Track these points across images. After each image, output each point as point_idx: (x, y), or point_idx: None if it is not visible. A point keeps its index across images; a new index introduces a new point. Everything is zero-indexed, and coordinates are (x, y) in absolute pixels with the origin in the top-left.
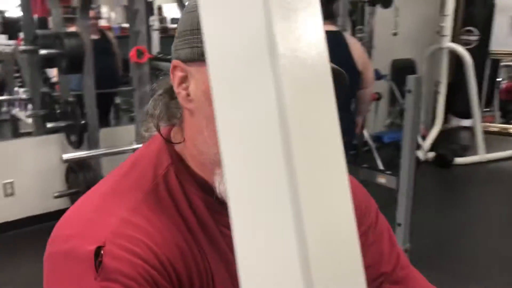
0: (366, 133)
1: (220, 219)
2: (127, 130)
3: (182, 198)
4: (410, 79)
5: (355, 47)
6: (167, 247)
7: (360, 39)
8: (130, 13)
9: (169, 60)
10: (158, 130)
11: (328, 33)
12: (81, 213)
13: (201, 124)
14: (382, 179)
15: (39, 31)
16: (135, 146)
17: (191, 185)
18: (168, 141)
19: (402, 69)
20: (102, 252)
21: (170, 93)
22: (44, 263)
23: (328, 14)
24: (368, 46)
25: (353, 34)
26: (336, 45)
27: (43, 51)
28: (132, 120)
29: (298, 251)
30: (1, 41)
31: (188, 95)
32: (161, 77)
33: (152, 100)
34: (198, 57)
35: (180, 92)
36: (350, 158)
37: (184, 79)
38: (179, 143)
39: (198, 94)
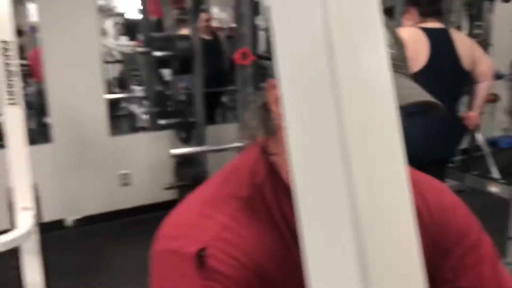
0: (479, 137)
1: None
2: (232, 128)
3: (275, 208)
4: None
5: (461, 43)
6: (263, 254)
7: (476, 36)
8: (236, 16)
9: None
10: (254, 141)
11: (432, 31)
12: (185, 216)
13: None
14: (494, 188)
15: (153, 34)
16: (238, 144)
17: (284, 195)
18: (264, 152)
19: None
20: (205, 253)
21: (267, 106)
22: (152, 259)
23: (433, 11)
24: (485, 43)
25: (470, 30)
26: (440, 43)
27: (156, 53)
28: (236, 118)
29: (357, 255)
30: (122, 42)
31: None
32: (262, 84)
33: (249, 112)
34: None
35: (275, 110)
36: (456, 163)
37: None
38: (274, 154)
39: None
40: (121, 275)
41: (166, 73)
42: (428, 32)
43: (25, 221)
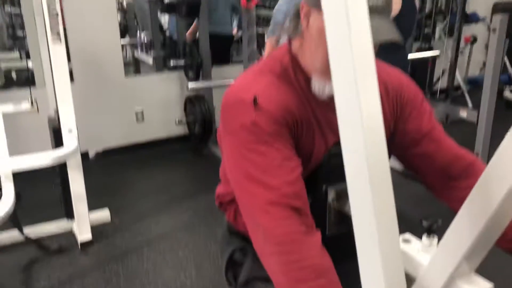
0: (458, 76)
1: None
2: (236, 68)
3: (295, 82)
4: (496, 18)
5: None
6: (293, 104)
7: None
8: None
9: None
10: (289, 39)
11: None
12: (243, 80)
13: (310, 47)
14: (463, 113)
15: None
16: None
17: (301, 76)
18: (289, 48)
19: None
20: (258, 98)
21: (299, 16)
22: (222, 110)
23: None
24: None
25: None
26: None
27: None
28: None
29: None
30: None
31: (307, 26)
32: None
33: (289, 20)
34: (316, 5)
35: (303, 22)
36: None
37: (307, 14)
38: (296, 50)
39: (314, 28)
40: (140, 196)
41: (163, 19)
42: None
43: (70, 141)
